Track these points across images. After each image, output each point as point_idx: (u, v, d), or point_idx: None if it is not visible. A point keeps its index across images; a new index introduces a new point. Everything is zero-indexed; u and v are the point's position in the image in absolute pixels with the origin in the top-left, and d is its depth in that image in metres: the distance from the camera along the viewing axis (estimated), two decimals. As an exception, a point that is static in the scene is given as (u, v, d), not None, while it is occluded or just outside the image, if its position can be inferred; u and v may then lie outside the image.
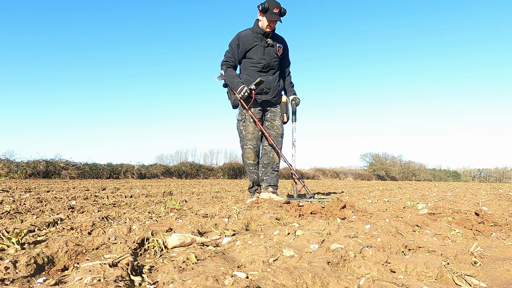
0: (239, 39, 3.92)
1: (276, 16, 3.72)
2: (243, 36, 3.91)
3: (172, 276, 1.26)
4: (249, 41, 3.90)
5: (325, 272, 1.34)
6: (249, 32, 3.94)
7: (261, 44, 3.93)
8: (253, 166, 4.03)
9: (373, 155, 44.57)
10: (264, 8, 3.69)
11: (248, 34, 3.92)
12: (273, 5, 3.71)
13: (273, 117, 4.14)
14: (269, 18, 3.72)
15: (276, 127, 4.10)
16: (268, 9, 3.70)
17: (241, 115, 4.07)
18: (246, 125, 4.01)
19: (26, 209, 3.19)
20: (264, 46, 3.94)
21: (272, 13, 3.70)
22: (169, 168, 21.22)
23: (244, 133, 4.01)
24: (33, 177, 14.68)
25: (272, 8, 3.70)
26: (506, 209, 3.80)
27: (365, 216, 2.89)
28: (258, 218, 2.75)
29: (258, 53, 3.93)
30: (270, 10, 3.70)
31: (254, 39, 3.91)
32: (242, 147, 4.06)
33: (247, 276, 1.29)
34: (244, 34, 3.93)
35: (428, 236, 2.18)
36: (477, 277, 1.47)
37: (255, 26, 3.94)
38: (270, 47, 3.97)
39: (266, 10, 3.70)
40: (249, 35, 3.92)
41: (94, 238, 1.77)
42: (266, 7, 3.69)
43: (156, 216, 2.78)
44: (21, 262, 1.37)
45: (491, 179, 49.72)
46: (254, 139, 4.01)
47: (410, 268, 1.49)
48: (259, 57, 3.93)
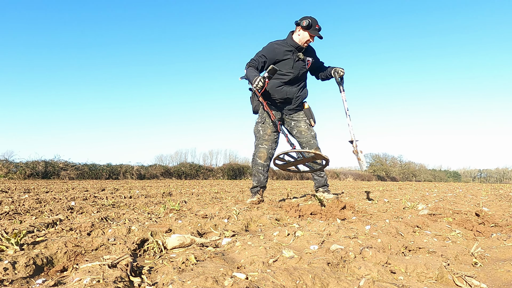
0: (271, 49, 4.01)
1: (318, 33, 3.90)
2: (276, 47, 4.01)
3: (171, 277, 1.26)
4: (281, 52, 4.00)
5: (325, 273, 1.34)
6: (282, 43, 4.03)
7: (292, 57, 4.03)
8: (262, 167, 4.06)
9: (373, 155, 44.56)
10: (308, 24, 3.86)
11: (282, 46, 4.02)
12: (316, 22, 3.92)
13: (298, 124, 4.21)
14: (312, 33, 3.89)
15: (304, 132, 4.16)
16: (311, 26, 3.87)
17: (261, 118, 4.14)
18: (265, 127, 4.09)
19: (25, 209, 3.18)
20: (294, 60, 4.04)
21: (315, 29, 3.89)
22: (169, 169, 21.21)
23: (262, 133, 4.08)
24: (32, 178, 14.66)
25: (314, 25, 3.89)
26: (506, 210, 3.80)
27: (365, 217, 2.89)
28: (257, 219, 2.75)
29: (286, 66, 4.02)
30: (313, 27, 3.88)
31: (286, 51, 4.01)
32: (257, 146, 4.10)
33: (246, 277, 1.28)
34: (277, 45, 4.02)
35: (428, 237, 2.17)
36: (478, 278, 1.47)
37: (289, 39, 4.03)
38: (300, 61, 4.08)
39: (310, 26, 3.87)
40: (283, 47, 4.01)
41: (93, 239, 1.77)
42: (309, 23, 3.86)
43: (156, 216, 2.77)
44: (20, 263, 1.36)
45: (491, 179, 49.72)
46: (271, 140, 4.08)
47: (410, 269, 1.49)
48: (287, 70, 4.02)
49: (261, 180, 4.07)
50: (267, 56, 3.98)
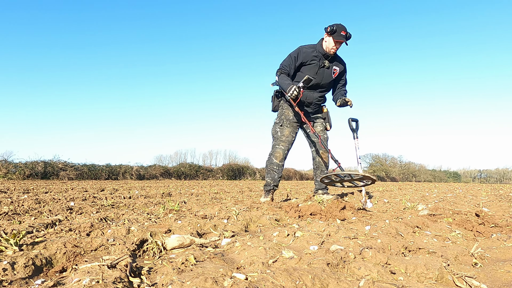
0: (300, 52, 4.06)
1: (343, 38, 3.90)
2: (304, 50, 4.05)
3: (171, 278, 1.26)
4: (308, 56, 4.04)
5: (325, 273, 1.33)
6: (311, 48, 4.07)
7: (318, 63, 4.07)
8: (277, 166, 4.13)
9: (373, 155, 44.54)
10: (332, 29, 3.87)
11: (309, 50, 4.06)
12: (341, 28, 3.90)
13: (314, 124, 4.32)
14: (336, 38, 3.89)
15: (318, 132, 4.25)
16: (336, 31, 3.88)
17: (280, 119, 4.22)
18: (282, 128, 4.16)
19: (24, 210, 3.17)
20: (319, 66, 4.08)
21: (340, 35, 3.88)
22: (168, 169, 21.21)
23: (279, 134, 4.16)
24: (31, 178, 14.65)
25: (339, 31, 3.89)
26: (506, 210, 3.80)
27: (365, 217, 2.88)
28: (257, 219, 2.74)
29: (311, 71, 4.07)
30: (338, 32, 3.88)
31: (313, 56, 4.05)
32: (274, 146, 4.17)
33: (246, 278, 1.28)
34: (305, 49, 4.07)
35: (428, 237, 2.17)
36: (478, 278, 1.46)
37: (318, 45, 4.07)
38: (325, 68, 4.11)
39: (334, 32, 3.88)
40: (310, 51, 4.05)
41: (93, 240, 1.76)
42: (334, 29, 3.88)
43: (155, 217, 2.77)
44: (19, 264, 1.36)
45: (491, 180, 49.70)
46: (287, 142, 4.16)
47: (410, 269, 1.49)
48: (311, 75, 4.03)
49: (275, 178, 4.14)
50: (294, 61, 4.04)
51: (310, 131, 4.27)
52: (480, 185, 20.04)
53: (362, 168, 4.01)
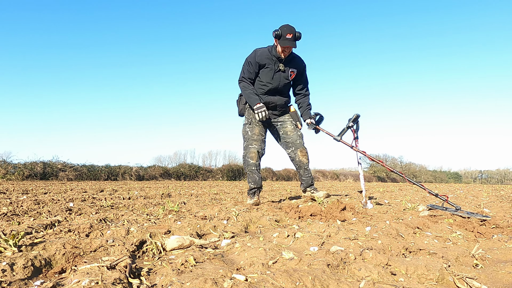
0: (256, 55, 3.89)
1: (290, 42, 3.66)
2: (260, 54, 3.88)
3: (170, 279, 1.25)
4: (263, 60, 3.87)
5: (325, 274, 1.33)
6: (266, 50, 3.89)
7: (273, 67, 3.90)
8: (255, 166, 4.00)
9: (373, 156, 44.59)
10: (277, 34, 3.65)
11: (264, 53, 3.88)
12: (286, 31, 3.65)
13: (284, 124, 4.17)
14: (282, 44, 3.67)
15: (290, 132, 4.12)
16: (281, 36, 3.65)
17: (247, 119, 4.08)
18: (252, 127, 4.02)
19: (23, 211, 3.17)
20: (274, 71, 3.91)
21: (285, 39, 3.64)
22: (168, 170, 21.20)
23: (250, 134, 4.01)
24: (30, 179, 14.64)
25: (285, 34, 3.64)
26: (507, 211, 3.79)
27: (365, 218, 2.88)
28: (257, 220, 2.74)
29: (266, 77, 3.93)
30: (283, 36, 3.64)
31: (268, 60, 3.88)
32: (246, 147, 4.02)
33: (246, 279, 1.28)
34: (260, 52, 3.89)
35: (429, 238, 2.16)
36: (479, 279, 1.46)
37: (273, 48, 3.88)
38: (281, 72, 3.94)
39: (279, 36, 3.66)
40: (265, 54, 3.87)
41: (92, 241, 1.76)
42: (279, 33, 3.65)
43: (155, 218, 2.76)
44: (18, 265, 1.35)
45: (492, 180, 49.72)
46: (259, 140, 4.02)
47: (410, 270, 1.48)
48: (267, 81, 3.94)
49: (257, 180, 4.00)
50: (252, 63, 3.88)
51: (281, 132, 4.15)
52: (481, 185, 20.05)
53: (362, 169, 4.00)
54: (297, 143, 4.07)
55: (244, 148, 4.07)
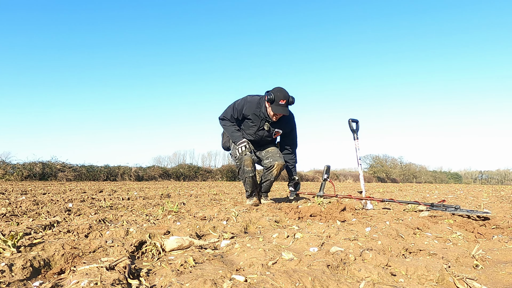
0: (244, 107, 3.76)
1: (283, 109, 3.54)
2: (248, 107, 3.74)
3: (170, 280, 1.25)
4: (249, 113, 3.75)
5: (325, 275, 1.33)
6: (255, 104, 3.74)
7: (257, 124, 3.79)
8: (251, 173, 3.87)
9: (374, 157, 44.58)
10: (270, 99, 3.51)
11: (253, 106, 3.73)
12: (280, 96, 3.52)
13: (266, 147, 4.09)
14: (274, 111, 3.54)
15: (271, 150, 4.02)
16: (274, 100, 3.52)
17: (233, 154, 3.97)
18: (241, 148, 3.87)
19: (22, 211, 3.16)
20: (258, 128, 3.82)
21: (278, 105, 3.52)
22: (167, 170, 21.20)
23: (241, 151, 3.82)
24: (29, 179, 14.62)
25: (278, 100, 3.51)
26: (508, 212, 3.80)
27: (365, 218, 2.87)
28: (257, 221, 2.73)
29: (250, 130, 3.87)
30: (276, 102, 3.52)
31: (254, 116, 3.74)
32: (240, 159, 3.85)
33: (245, 280, 1.27)
34: (249, 105, 3.74)
35: (429, 239, 2.16)
36: (479, 280, 1.45)
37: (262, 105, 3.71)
38: (265, 131, 3.84)
39: (272, 101, 3.53)
40: (253, 109, 3.73)
41: (91, 241, 1.75)
42: (272, 98, 3.51)
43: (154, 218, 2.75)
44: (17, 265, 1.35)
45: (492, 181, 49.75)
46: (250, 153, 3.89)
47: (410, 271, 1.48)
48: (250, 132, 3.88)
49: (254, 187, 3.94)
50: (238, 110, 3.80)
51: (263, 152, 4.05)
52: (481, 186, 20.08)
53: (362, 170, 4.00)
54: (277, 157, 3.94)
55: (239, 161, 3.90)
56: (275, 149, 4.06)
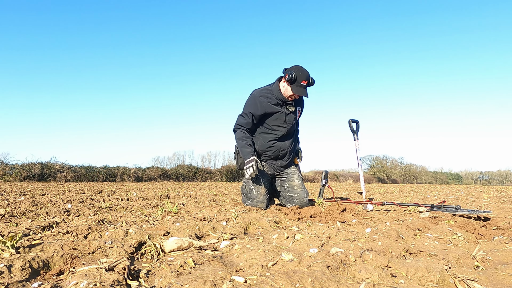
0: (258, 104, 3.48)
1: (303, 91, 3.36)
2: (262, 101, 3.48)
3: (169, 281, 1.24)
4: (269, 107, 3.48)
5: (325, 276, 1.32)
6: (268, 95, 3.50)
7: (283, 111, 3.52)
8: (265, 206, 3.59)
9: (374, 157, 44.53)
10: (291, 78, 3.30)
11: (267, 99, 3.49)
12: (302, 76, 3.32)
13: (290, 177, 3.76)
14: (295, 91, 3.35)
15: (296, 187, 3.69)
16: (295, 80, 3.31)
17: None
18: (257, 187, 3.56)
19: (21, 212, 3.15)
20: (286, 114, 3.54)
21: (299, 85, 3.33)
22: (166, 171, 21.19)
23: (255, 193, 3.56)
24: (28, 180, 14.61)
25: (300, 80, 3.31)
26: (509, 213, 3.79)
27: (365, 219, 2.87)
28: (256, 222, 2.73)
29: (278, 121, 3.54)
30: (298, 82, 3.31)
31: (275, 106, 3.50)
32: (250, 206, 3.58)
33: (245, 281, 1.27)
34: (262, 99, 3.49)
35: (429, 240, 2.16)
36: (479, 281, 1.45)
37: (275, 90, 3.49)
38: (292, 113, 3.59)
39: (293, 81, 3.31)
40: (267, 101, 3.49)
41: (90, 242, 1.75)
42: (294, 77, 3.29)
43: (153, 219, 2.75)
44: (16, 266, 1.34)
45: (493, 182, 49.75)
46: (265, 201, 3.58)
47: (411, 272, 1.47)
48: (279, 125, 3.56)
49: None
50: (254, 113, 3.49)
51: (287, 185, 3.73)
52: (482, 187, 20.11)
53: (362, 170, 4.01)
54: (304, 202, 3.63)
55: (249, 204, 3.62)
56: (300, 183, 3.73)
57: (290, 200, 3.67)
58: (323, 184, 4.04)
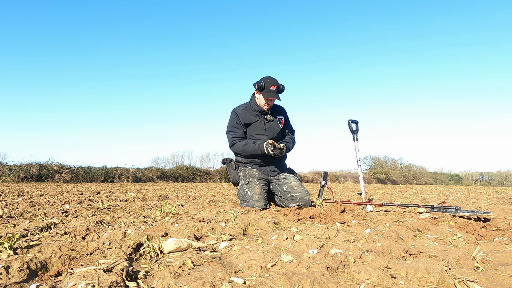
0: (238, 116, 3.69)
1: (274, 94, 3.53)
2: (241, 112, 3.70)
3: (168, 282, 1.24)
4: (247, 118, 3.69)
5: (324, 277, 1.31)
6: (245, 108, 3.73)
7: (261, 120, 3.72)
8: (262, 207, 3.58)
9: (373, 158, 44.58)
10: (260, 86, 3.51)
11: (245, 111, 3.72)
12: (270, 82, 3.52)
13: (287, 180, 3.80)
14: (266, 96, 3.53)
15: (296, 187, 3.72)
16: (264, 87, 3.52)
17: (245, 179, 3.75)
18: (251, 187, 3.63)
19: (18, 213, 3.14)
20: (264, 122, 3.73)
21: (269, 91, 3.52)
22: (165, 172, 21.16)
23: (250, 194, 3.60)
24: (26, 181, 14.56)
25: (269, 86, 3.52)
26: (509, 213, 3.79)
27: (365, 220, 2.87)
28: (255, 223, 2.72)
29: (259, 129, 3.72)
30: (267, 88, 3.52)
31: (252, 116, 3.70)
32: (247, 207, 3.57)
33: (244, 282, 1.26)
34: (241, 111, 3.71)
35: (429, 240, 2.16)
36: (479, 282, 1.44)
37: (251, 103, 3.72)
38: (271, 122, 3.76)
39: (262, 88, 3.52)
40: (246, 112, 3.71)
41: (88, 243, 1.74)
42: (262, 85, 3.51)
43: (152, 220, 2.74)
44: (13, 268, 1.33)
45: (493, 182, 49.83)
46: (262, 199, 3.59)
47: (411, 273, 1.47)
48: (260, 133, 3.72)
49: None
50: (238, 124, 3.69)
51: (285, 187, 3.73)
52: (482, 187, 20.15)
53: (362, 171, 4.00)
54: (306, 200, 3.65)
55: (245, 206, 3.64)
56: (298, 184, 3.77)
57: (293, 200, 3.68)
58: (323, 184, 4.03)
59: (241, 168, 3.90)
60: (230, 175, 3.91)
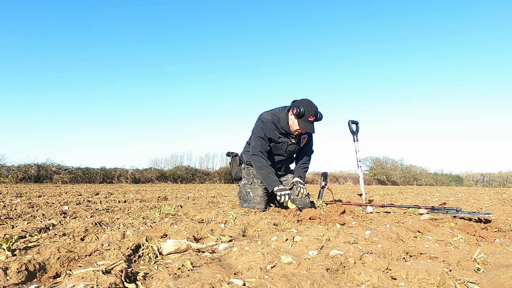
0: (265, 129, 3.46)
1: (310, 126, 3.27)
2: (268, 126, 3.45)
3: (167, 283, 1.23)
4: (273, 133, 3.47)
5: (324, 279, 1.31)
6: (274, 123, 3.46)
7: (286, 141, 3.52)
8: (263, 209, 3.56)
9: (374, 159, 44.53)
10: (299, 113, 3.22)
11: (273, 126, 3.46)
12: (310, 112, 3.23)
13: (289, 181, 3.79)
14: (302, 126, 3.27)
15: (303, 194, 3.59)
16: (303, 115, 3.24)
17: (248, 179, 3.71)
18: (254, 188, 3.57)
19: (17, 214, 3.13)
20: (288, 144, 3.54)
21: (307, 120, 3.25)
22: (164, 173, 21.15)
23: (252, 195, 3.54)
24: (24, 182, 14.54)
25: (308, 116, 3.24)
26: (510, 215, 3.79)
27: (365, 221, 2.86)
28: (255, 224, 2.71)
29: (279, 150, 3.59)
30: (306, 117, 3.25)
31: (279, 135, 3.48)
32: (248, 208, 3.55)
33: (244, 283, 1.25)
34: (269, 124, 3.45)
35: (430, 242, 2.15)
36: (480, 284, 1.44)
37: (283, 121, 3.42)
38: (294, 144, 3.58)
39: (301, 116, 3.24)
40: (273, 128, 3.46)
41: (87, 244, 1.73)
42: (302, 112, 3.21)
43: (151, 221, 2.73)
44: (12, 269, 1.33)
45: (494, 183, 49.85)
46: (263, 202, 3.54)
47: (411, 275, 1.46)
48: (279, 154, 3.62)
49: None
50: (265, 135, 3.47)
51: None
52: (483, 188, 20.17)
53: (362, 172, 4.00)
54: (306, 202, 3.63)
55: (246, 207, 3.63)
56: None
57: (293, 201, 3.64)
58: (323, 186, 4.03)
59: (245, 166, 3.81)
60: (233, 170, 3.86)
